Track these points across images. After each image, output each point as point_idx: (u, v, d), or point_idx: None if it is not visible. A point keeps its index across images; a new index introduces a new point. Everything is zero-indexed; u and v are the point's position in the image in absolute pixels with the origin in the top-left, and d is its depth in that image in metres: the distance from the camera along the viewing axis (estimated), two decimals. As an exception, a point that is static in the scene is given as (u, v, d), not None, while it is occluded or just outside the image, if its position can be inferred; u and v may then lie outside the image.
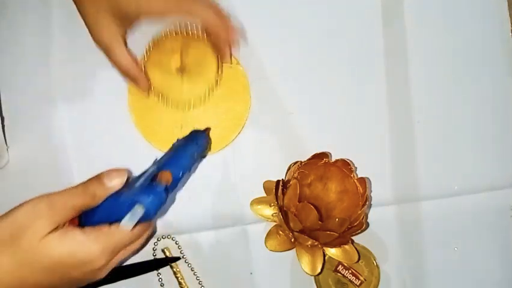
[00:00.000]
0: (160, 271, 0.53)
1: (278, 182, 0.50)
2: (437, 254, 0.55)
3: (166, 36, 0.52)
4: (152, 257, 0.53)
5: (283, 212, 0.49)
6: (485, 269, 0.56)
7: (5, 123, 0.52)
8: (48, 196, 0.38)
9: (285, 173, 0.52)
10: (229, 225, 0.53)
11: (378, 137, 0.56)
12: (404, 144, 0.56)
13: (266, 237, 0.51)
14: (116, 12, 0.47)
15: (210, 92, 0.52)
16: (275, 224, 0.52)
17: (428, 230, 0.55)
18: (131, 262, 0.52)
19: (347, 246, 0.50)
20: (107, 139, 0.54)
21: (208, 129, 0.52)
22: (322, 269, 0.50)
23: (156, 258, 0.53)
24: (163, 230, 0.53)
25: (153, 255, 0.53)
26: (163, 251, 0.53)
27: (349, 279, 0.53)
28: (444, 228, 0.55)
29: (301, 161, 0.51)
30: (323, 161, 0.51)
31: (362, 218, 0.49)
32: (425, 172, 0.55)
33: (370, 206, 0.54)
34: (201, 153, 0.48)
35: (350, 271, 0.53)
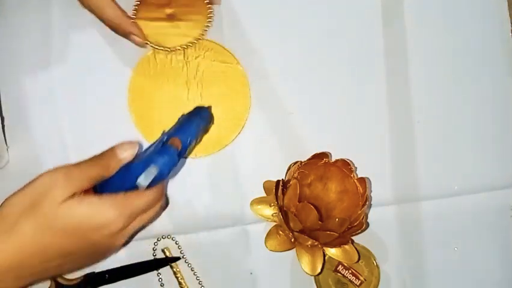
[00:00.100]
0: (160, 271, 0.53)
1: (278, 182, 0.50)
2: (437, 254, 0.55)
3: None
4: (152, 257, 0.53)
5: (283, 212, 0.49)
6: (485, 269, 0.56)
7: (5, 123, 0.52)
8: (64, 167, 0.40)
9: (285, 173, 0.52)
10: (229, 225, 0.53)
11: (378, 137, 0.56)
12: (404, 144, 0.56)
13: (266, 237, 0.51)
14: None
15: (201, 36, 0.53)
16: (275, 224, 0.52)
17: (428, 230, 0.55)
18: (131, 262, 0.52)
19: (347, 246, 0.50)
20: (107, 139, 0.53)
21: (210, 107, 0.52)
22: (322, 269, 0.50)
23: (156, 258, 0.53)
24: (163, 230, 0.53)
25: (153, 255, 0.53)
26: (163, 251, 0.53)
27: (349, 279, 0.53)
28: (444, 228, 0.55)
29: (301, 161, 0.51)
30: (323, 161, 0.51)
31: (362, 218, 0.49)
32: (425, 172, 0.55)
33: (370, 206, 0.54)
34: (205, 126, 0.49)
35: (350, 271, 0.53)
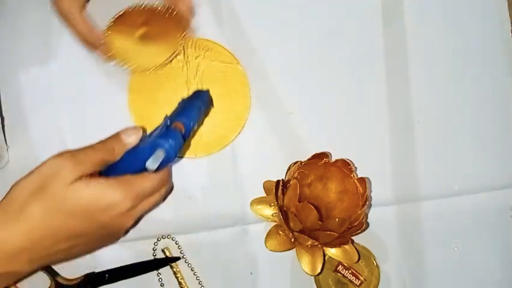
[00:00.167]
0: (160, 271, 0.53)
1: (278, 182, 0.50)
2: (437, 254, 0.55)
3: (131, 10, 0.52)
4: (152, 257, 0.53)
5: (283, 212, 0.49)
6: (485, 269, 0.56)
7: (5, 123, 0.52)
8: (69, 151, 0.40)
9: (285, 173, 0.52)
10: (229, 225, 0.53)
11: (378, 137, 0.56)
12: (404, 144, 0.56)
13: (266, 237, 0.51)
14: None
15: (169, 62, 0.53)
16: (275, 224, 0.52)
17: (428, 230, 0.55)
18: (131, 262, 0.52)
19: (347, 246, 0.50)
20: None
21: (208, 90, 0.52)
22: (322, 269, 0.50)
23: (156, 258, 0.53)
24: (163, 230, 0.53)
25: (153, 255, 0.53)
26: (163, 251, 0.53)
27: (349, 279, 0.53)
28: (444, 228, 0.55)
29: (301, 161, 0.51)
30: (323, 161, 0.51)
31: (362, 218, 0.49)
32: (425, 172, 0.55)
33: (370, 206, 0.54)
34: (205, 109, 0.50)
35: (350, 271, 0.53)
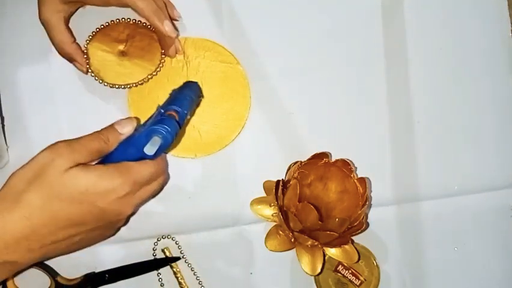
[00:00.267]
0: (160, 271, 0.53)
1: (278, 182, 0.50)
2: (437, 254, 0.55)
3: (113, 24, 0.53)
4: (152, 257, 0.53)
5: (283, 212, 0.49)
6: (485, 269, 0.56)
7: (5, 123, 0.52)
8: (64, 140, 0.41)
9: (285, 173, 0.52)
10: (229, 225, 0.53)
11: (378, 137, 0.56)
12: (404, 144, 0.56)
13: (266, 237, 0.51)
14: None
15: (149, 79, 0.52)
16: (275, 224, 0.52)
17: (428, 230, 0.55)
18: (131, 262, 0.52)
19: (347, 246, 0.50)
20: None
21: (197, 82, 0.52)
22: (322, 269, 0.50)
23: (156, 258, 0.53)
24: (163, 230, 0.53)
25: (153, 255, 0.53)
26: (163, 251, 0.53)
27: (349, 279, 0.53)
28: (444, 228, 0.55)
29: (301, 161, 0.51)
30: (323, 161, 0.51)
31: (362, 218, 0.49)
32: (425, 172, 0.55)
33: (370, 206, 0.54)
34: (196, 99, 0.50)
35: (350, 271, 0.53)
